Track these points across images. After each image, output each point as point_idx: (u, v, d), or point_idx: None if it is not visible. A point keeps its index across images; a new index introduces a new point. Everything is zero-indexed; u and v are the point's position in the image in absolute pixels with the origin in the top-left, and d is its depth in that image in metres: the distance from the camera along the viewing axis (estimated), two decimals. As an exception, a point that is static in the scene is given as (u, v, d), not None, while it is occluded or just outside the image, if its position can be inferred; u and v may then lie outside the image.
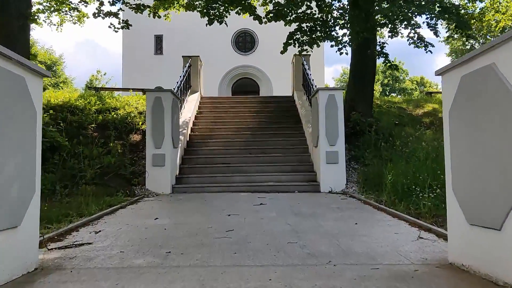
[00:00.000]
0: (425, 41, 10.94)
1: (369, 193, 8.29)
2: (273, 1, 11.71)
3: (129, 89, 15.74)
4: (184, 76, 13.25)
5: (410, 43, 11.43)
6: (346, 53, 10.77)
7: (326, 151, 9.24)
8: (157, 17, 12.70)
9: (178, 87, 11.90)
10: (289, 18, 11.48)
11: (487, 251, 2.98)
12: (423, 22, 10.88)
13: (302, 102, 13.26)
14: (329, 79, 69.30)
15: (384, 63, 11.34)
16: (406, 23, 10.50)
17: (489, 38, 32.92)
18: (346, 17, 10.92)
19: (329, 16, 11.42)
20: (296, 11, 11.49)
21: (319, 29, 10.99)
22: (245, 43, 31.67)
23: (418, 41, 10.68)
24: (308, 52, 11.70)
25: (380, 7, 10.33)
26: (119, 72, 30.80)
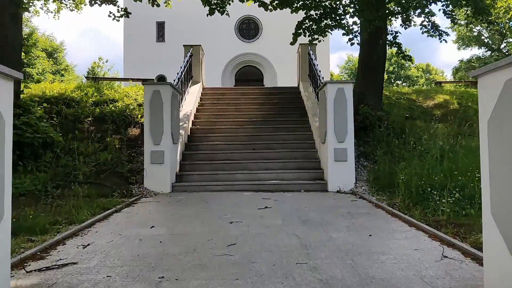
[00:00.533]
0: (440, 30, 10.32)
1: (381, 194, 7.79)
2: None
3: (129, 79, 15.20)
4: (185, 67, 12.68)
5: (423, 32, 10.83)
6: (358, 43, 10.15)
7: (335, 148, 8.73)
8: (156, 6, 12.08)
9: (179, 79, 11.36)
10: (296, 5, 10.84)
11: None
12: (439, 10, 10.27)
13: (308, 94, 12.69)
14: (334, 67, 68.45)
15: (397, 54, 10.72)
16: (420, 11, 9.87)
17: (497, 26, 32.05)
18: (356, 4, 10.27)
19: (338, 3, 10.77)
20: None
21: (329, 17, 10.34)
22: (249, 30, 30.98)
23: (432, 30, 10.05)
24: (319, 41, 11.04)
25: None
26: (122, 60, 30.24)
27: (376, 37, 10.78)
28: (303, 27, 10.55)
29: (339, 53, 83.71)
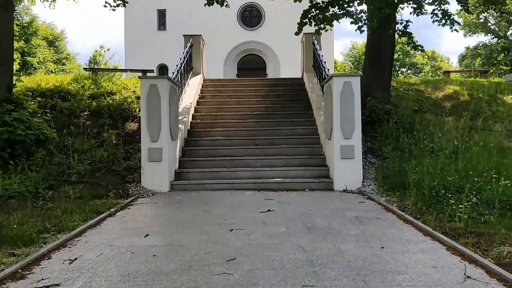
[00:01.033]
0: (452, 19, 9.78)
1: (390, 195, 7.38)
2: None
3: (127, 70, 14.74)
4: (185, 58, 12.21)
5: (434, 21, 10.29)
6: (368, 32, 9.58)
7: (341, 145, 8.29)
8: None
9: (178, 70, 10.90)
10: (301, -7, 10.30)
11: None
12: (452, -3, 9.73)
13: (313, 86, 12.21)
14: (337, 54, 67.62)
15: (408, 44, 10.19)
16: (433, -1, 9.34)
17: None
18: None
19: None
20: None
21: (336, 4, 9.78)
22: (251, 18, 30.37)
23: (445, 19, 9.50)
24: (326, 30, 10.50)
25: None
26: (123, 49, 29.76)
27: (385, 26, 10.25)
28: (309, 16, 10.00)
29: (343, 40, 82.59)
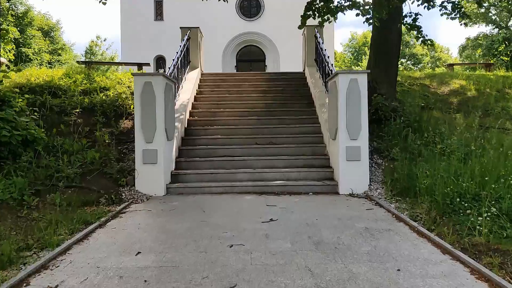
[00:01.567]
0: (463, 12, 9.26)
1: (399, 201, 6.94)
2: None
3: (122, 64, 14.20)
4: (182, 51, 11.67)
5: (443, 14, 9.77)
6: (376, 23, 9.03)
7: (347, 147, 7.84)
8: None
9: (175, 65, 10.37)
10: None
11: None
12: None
13: (315, 81, 11.71)
14: (337, 45, 66.82)
15: (417, 38, 9.68)
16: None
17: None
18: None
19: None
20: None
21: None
22: (250, 8, 29.77)
23: (456, 12, 8.99)
24: (330, 22, 9.95)
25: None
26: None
27: (391, 19, 9.73)
28: (313, 8, 9.45)
29: (342, 30, 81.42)
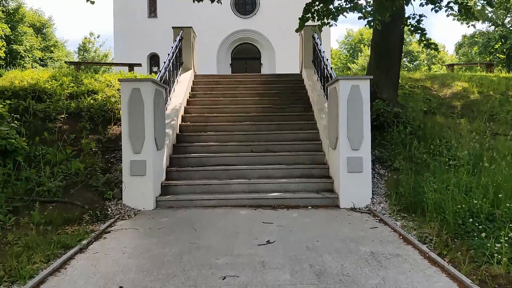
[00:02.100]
0: (470, 13, 8.81)
1: (405, 217, 6.49)
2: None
3: (111, 64, 13.64)
4: (174, 53, 11.15)
5: (449, 15, 9.31)
6: (378, 26, 8.54)
7: (348, 157, 7.37)
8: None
9: (166, 68, 9.87)
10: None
11: None
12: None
13: (313, 84, 11.24)
14: (333, 42, 66.35)
15: (420, 41, 9.23)
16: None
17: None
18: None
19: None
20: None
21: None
22: (245, 5, 29.27)
23: (464, 13, 8.53)
24: (330, 25, 9.46)
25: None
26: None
27: (393, 20, 9.26)
28: (312, 11, 8.94)
29: (338, 27, 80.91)
